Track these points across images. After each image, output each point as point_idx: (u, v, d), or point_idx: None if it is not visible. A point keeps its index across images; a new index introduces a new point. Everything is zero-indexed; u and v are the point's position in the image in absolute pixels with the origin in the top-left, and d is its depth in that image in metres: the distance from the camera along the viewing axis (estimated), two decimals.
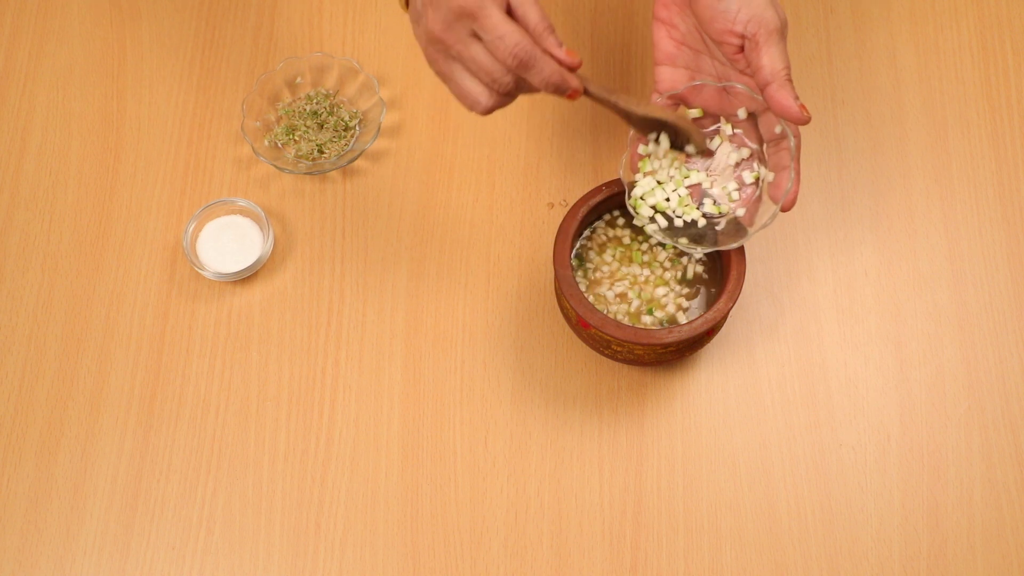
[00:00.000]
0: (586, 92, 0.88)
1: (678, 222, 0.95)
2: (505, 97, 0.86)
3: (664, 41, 0.94)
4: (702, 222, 0.95)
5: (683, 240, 0.94)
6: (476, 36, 0.83)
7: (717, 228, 0.95)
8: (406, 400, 1.02)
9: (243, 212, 1.07)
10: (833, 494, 0.98)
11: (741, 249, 0.94)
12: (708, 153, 0.95)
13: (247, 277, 1.06)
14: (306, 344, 1.04)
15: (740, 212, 0.94)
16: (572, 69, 0.85)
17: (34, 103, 1.13)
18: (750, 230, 0.93)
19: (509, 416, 1.01)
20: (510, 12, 0.84)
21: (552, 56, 0.84)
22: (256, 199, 1.09)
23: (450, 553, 0.97)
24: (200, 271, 1.04)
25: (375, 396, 1.02)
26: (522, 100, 1.12)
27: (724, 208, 0.95)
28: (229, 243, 1.06)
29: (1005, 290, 1.05)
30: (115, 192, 1.09)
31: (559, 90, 0.85)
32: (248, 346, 1.04)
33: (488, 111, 0.86)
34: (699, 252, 0.95)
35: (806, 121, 0.87)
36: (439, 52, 0.86)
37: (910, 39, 1.14)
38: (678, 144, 0.94)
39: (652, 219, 0.95)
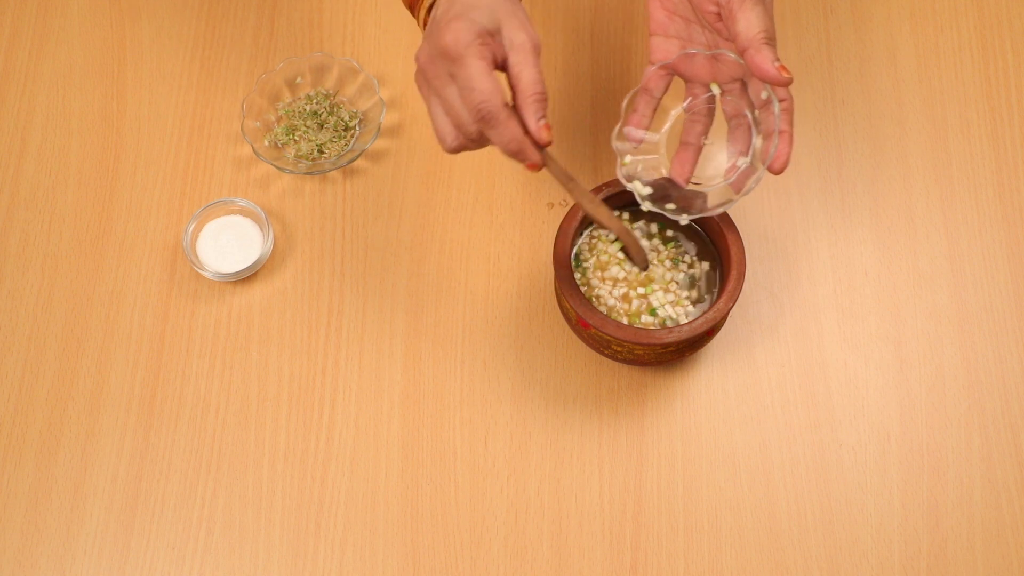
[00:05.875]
0: (547, 167, 0.88)
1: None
2: (471, 143, 0.86)
3: (657, 12, 0.94)
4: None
5: (670, 207, 0.94)
6: (454, 78, 0.84)
7: (705, 194, 0.94)
8: (406, 400, 1.02)
9: (243, 212, 1.07)
10: (833, 494, 0.98)
11: (741, 249, 0.94)
12: (644, 267, 0.96)
13: (247, 277, 1.06)
14: (306, 344, 1.04)
15: (728, 179, 0.93)
16: (541, 145, 0.85)
17: (34, 103, 1.13)
18: (736, 196, 0.92)
19: (509, 416, 1.01)
20: (506, 66, 0.84)
21: (524, 125, 0.84)
22: (256, 199, 1.09)
23: (450, 553, 0.97)
24: (200, 271, 1.04)
25: (375, 396, 1.02)
26: None
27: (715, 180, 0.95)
28: (229, 243, 1.06)
29: (1005, 290, 1.05)
30: (115, 192, 1.09)
31: (516, 157, 0.85)
32: (248, 346, 1.04)
33: (453, 151, 0.86)
34: (685, 219, 0.94)
35: (787, 82, 0.85)
36: (423, 81, 0.86)
37: (910, 39, 1.14)
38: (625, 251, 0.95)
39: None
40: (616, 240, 0.99)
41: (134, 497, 0.99)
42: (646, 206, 0.94)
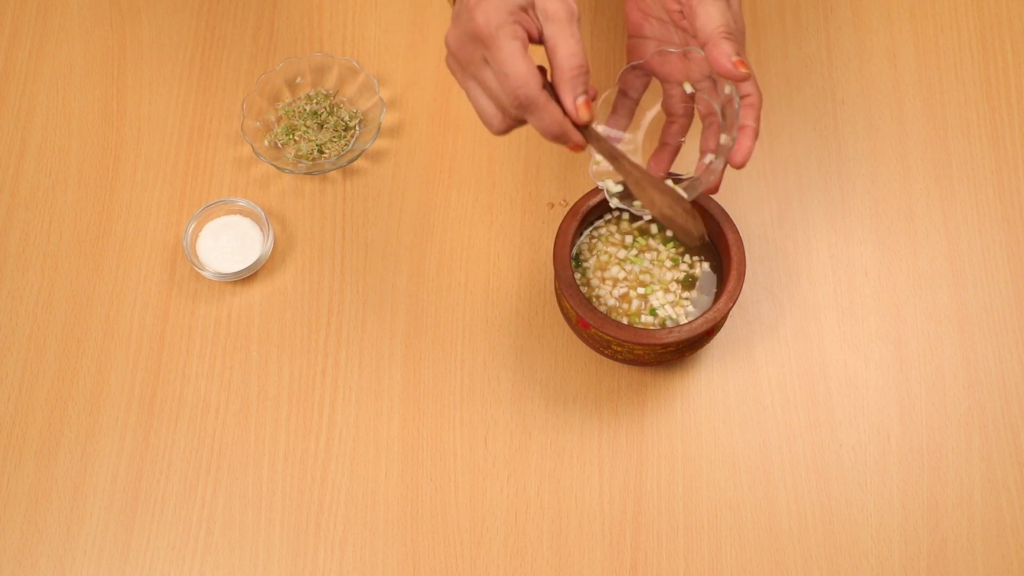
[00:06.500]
0: (590, 145, 0.84)
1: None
2: (518, 122, 0.83)
3: (633, 14, 0.94)
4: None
5: (637, 203, 0.94)
6: (488, 62, 0.81)
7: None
8: (406, 400, 1.02)
9: (243, 212, 1.07)
10: (833, 494, 0.98)
11: (741, 249, 0.94)
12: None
13: (247, 277, 1.06)
14: (306, 344, 1.04)
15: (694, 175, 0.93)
16: (581, 125, 0.82)
17: (34, 103, 1.13)
18: (698, 188, 0.91)
19: (509, 416, 1.01)
20: (541, 39, 0.81)
21: (564, 104, 0.81)
22: (256, 199, 1.09)
23: (450, 553, 0.97)
24: (200, 271, 1.04)
25: (375, 396, 1.02)
26: None
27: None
28: (229, 243, 1.06)
29: (1005, 290, 1.05)
30: (115, 192, 1.09)
31: (558, 140, 0.82)
32: (248, 346, 1.04)
33: (502, 133, 0.84)
34: (648, 215, 0.93)
35: (743, 77, 0.84)
36: (458, 66, 0.83)
37: (910, 39, 1.14)
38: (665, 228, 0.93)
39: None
40: (624, 232, 0.99)
41: (134, 497, 0.99)
42: (614, 203, 0.94)
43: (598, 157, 0.94)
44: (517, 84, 0.79)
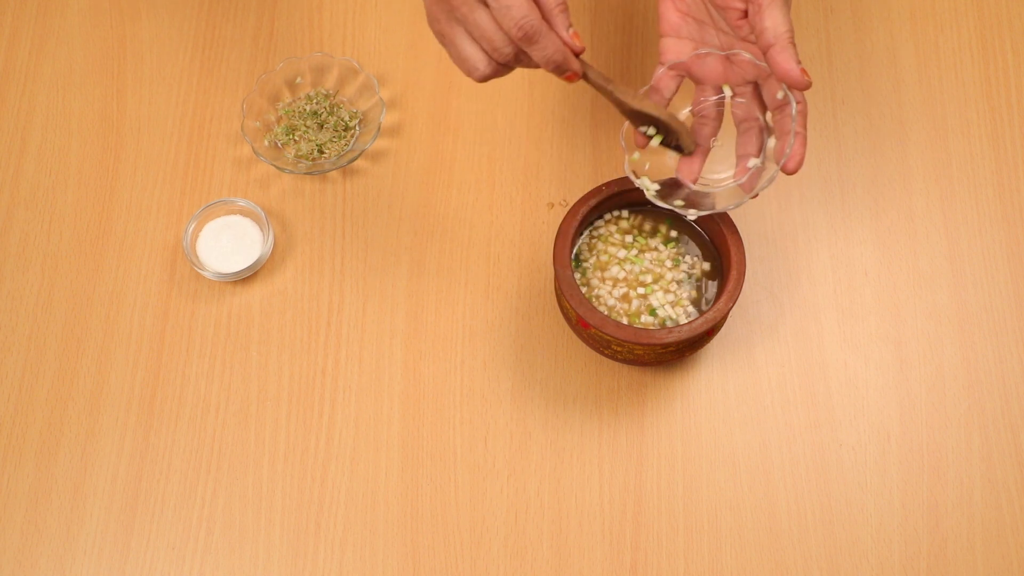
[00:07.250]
0: (584, 77, 0.88)
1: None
2: (503, 67, 0.86)
3: (669, 12, 0.94)
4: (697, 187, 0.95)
5: (678, 203, 0.94)
6: (483, 1, 0.82)
7: (713, 194, 0.94)
8: (406, 400, 1.02)
9: (243, 212, 1.07)
10: (833, 494, 0.98)
11: (741, 249, 0.94)
12: (700, 152, 0.95)
13: (247, 277, 1.06)
14: (306, 344, 1.04)
15: (739, 180, 0.93)
16: (576, 53, 0.85)
17: (34, 103, 1.13)
18: (747, 196, 0.92)
19: (509, 416, 1.01)
20: None
21: (558, 36, 0.84)
22: (256, 199, 1.09)
23: (450, 553, 0.97)
24: (200, 271, 1.04)
25: (375, 396, 1.02)
26: (523, 100, 1.12)
27: (722, 178, 0.94)
28: (229, 243, 1.06)
29: (1005, 290, 1.05)
30: (115, 192, 1.09)
31: (559, 69, 0.85)
32: (248, 346, 1.04)
33: (485, 79, 0.86)
34: (693, 215, 0.94)
35: (807, 86, 0.86)
36: (443, 11, 0.85)
37: (910, 39, 1.14)
38: (669, 142, 0.93)
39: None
40: (624, 232, 0.99)
41: (134, 497, 0.99)
42: (654, 201, 0.94)
43: (635, 154, 0.94)
44: (521, 14, 0.81)
